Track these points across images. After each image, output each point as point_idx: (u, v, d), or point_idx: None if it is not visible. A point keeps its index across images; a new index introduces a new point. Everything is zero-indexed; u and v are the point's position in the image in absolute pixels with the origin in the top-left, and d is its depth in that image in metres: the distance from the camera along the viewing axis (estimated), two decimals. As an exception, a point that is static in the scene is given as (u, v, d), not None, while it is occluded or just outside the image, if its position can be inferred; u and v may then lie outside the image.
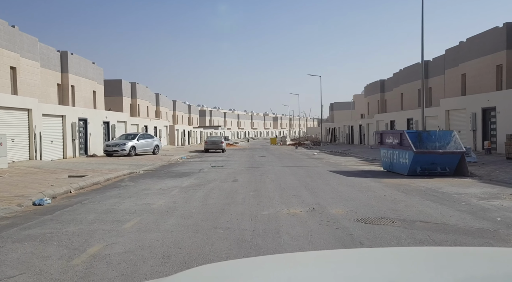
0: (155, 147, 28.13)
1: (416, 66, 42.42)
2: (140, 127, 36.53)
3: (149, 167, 19.20)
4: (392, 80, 49.26)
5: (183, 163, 22.68)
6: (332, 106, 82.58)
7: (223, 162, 23.04)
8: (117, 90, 48.74)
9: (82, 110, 25.14)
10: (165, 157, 25.24)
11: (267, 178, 14.22)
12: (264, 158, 26.18)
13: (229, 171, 17.22)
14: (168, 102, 70.66)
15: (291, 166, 19.39)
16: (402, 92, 45.88)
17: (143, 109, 54.73)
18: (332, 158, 25.64)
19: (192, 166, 20.03)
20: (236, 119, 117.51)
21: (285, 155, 30.74)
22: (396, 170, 15.29)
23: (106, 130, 28.83)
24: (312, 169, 17.53)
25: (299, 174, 15.56)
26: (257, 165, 20.63)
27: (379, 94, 52.94)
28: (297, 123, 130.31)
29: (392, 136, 15.61)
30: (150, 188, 11.69)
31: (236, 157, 27.73)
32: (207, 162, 23.10)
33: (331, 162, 22.52)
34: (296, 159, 25.10)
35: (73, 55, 35.44)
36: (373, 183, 12.37)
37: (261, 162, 22.42)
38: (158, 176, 15.21)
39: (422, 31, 19.91)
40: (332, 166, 19.19)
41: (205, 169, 18.20)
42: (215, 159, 26.04)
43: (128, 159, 23.14)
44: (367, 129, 43.88)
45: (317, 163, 21.78)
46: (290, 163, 21.56)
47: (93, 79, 39.58)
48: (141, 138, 27.01)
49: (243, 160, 24.46)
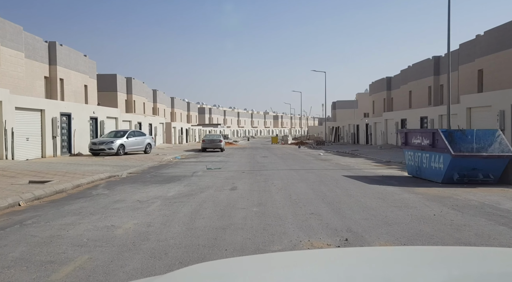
0: (147, 146, 25.49)
1: (426, 62, 39.79)
2: (133, 124, 33.90)
3: (135, 168, 16.59)
4: (400, 77, 46.63)
5: (176, 164, 20.07)
6: (334, 105, 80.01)
7: (221, 163, 20.43)
8: (111, 85, 46.10)
9: (65, 104, 22.48)
10: (156, 157, 22.62)
11: (272, 185, 11.63)
12: (266, 159, 23.58)
13: (227, 174, 14.62)
14: (166, 99, 68.02)
15: (298, 169, 16.79)
16: (410, 89, 43.26)
17: (139, 106, 52.09)
18: (341, 160, 23.03)
19: (185, 168, 17.42)
20: (236, 117, 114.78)
21: (288, 155, 28.13)
22: (426, 176, 12.70)
23: (93, 126, 26.19)
24: (323, 174, 14.93)
25: (309, 179, 12.96)
26: (259, 167, 18.03)
27: (385, 92, 50.31)
28: (298, 122, 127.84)
29: (421, 136, 13.00)
30: (125, 200, 9.09)
31: (236, 158, 25.14)
32: (203, 163, 20.50)
33: (341, 164, 19.93)
34: (301, 161, 22.49)
35: (62, 46, 32.80)
36: (407, 195, 9.77)
37: (263, 164, 19.82)
38: (142, 181, 12.59)
39: (449, 15, 17.28)
40: (345, 170, 16.59)
41: (199, 172, 15.60)
42: (212, 159, 23.44)
43: (115, 159, 20.54)
44: (374, 128, 41.24)
45: (326, 165, 19.18)
46: (296, 165, 18.96)
47: (84, 72, 36.95)
48: (131, 135, 24.36)
49: (243, 161, 21.86)
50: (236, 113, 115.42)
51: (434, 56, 38.66)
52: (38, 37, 30.29)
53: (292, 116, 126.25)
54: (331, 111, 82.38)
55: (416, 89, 41.78)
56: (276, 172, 15.41)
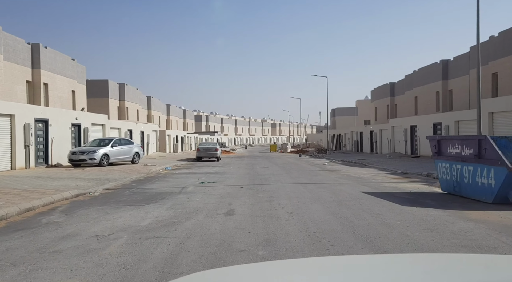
0: (135, 155, 22.84)
1: (434, 66, 37.46)
2: (122, 131, 31.28)
3: (115, 183, 13.98)
4: (404, 83, 44.31)
5: (164, 176, 17.45)
6: (334, 112, 77.71)
7: (217, 175, 17.84)
8: (102, 91, 43.57)
9: (41, 109, 19.84)
10: (144, 168, 20.00)
11: (279, 206, 9.06)
12: (267, 170, 21.00)
13: (223, 191, 12.04)
14: (162, 106, 65.47)
15: (306, 183, 14.20)
16: (416, 95, 40.89)
17: (133, 113, 49.51)
18: (351, 170, 20.48)
19: (174, 182, 14.81)
20: (233, 125, 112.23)
21: (290, 165, 25.56)
22: (469, 193, 10.16)
23: (76, 134, 23.54)
24: (337, 189, 12.36)
25: (324, 198, 10.40)
26: (260, 180, 15.44)
27: (388, 98, 47.97)
28: (296, 130, 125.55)
29: (460, 145, 10.47)
30: (78, 234, 6.49)
31: (233, 168, 22.55)
32: (196, 175, 17.89)
33: (353, 176, 17.38)
34: (307, 172, 19.93)
35: (47, 49, 30.30)
36: (463, 223, 7.20)
37: (264, 176, 17.24)
38: (115, 202, 9.98)
39: (478, 4, 14.85)
40: (361, 184, 14.03)
41: (190, 187, 13.00)
42: (207, 170, 20.84)
43: (96, 171, 17.92)
44: (380, 135, 38.74)
45: (336, 177, 16.62)
46: (303, 178, 16.38)
47: (72, 77, 34.43)
48: (117, 144, 21.70)
49: (241, 173, 19.28)
50: (234, 121, 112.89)
51: (442, 60, 36.35)
52: (20, 38, 27.79)
53: (290, 124, 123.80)
54: (331, 119, 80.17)
55: (422, 95, 39.40)
56: (281, 188, 12.84)
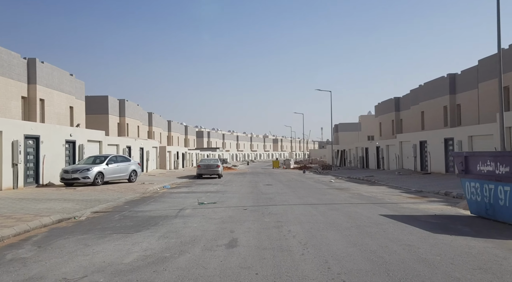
0: (132, 173, 21.52)
1: (441, 80, 36.34)
2: (121, 148, 30.05)
3: (106, 205, 12.66)
4: (410, 98, 43.17)
5: (161, 196, 16.12)
6: (336, 127, 76.56)
7: (218, 194, 16.51)
8: (102, 108, 42.57)
9: (31, 125, 18.63)
10: (141, 187, 18.69)
11: (290, 235, 7.73)
12: (271, 188, 19.65)
13: (225, 213, 10.71)
14: (163, 122, 64.46)
15: (316, 204, 12.85)
16: (423, 110, 39.68)
17: (133, 129, 48.42)
18: (361, 188, 19.12)
19: (171, 203, 13.48)
20: (235, 140, 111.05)
21: (295, 182, 24.21)
22: (505, 218, 8.82)
23: (70, 151, 22.28)
24: (352, 211, 11.02)
25: (340, 223, 9.06)
26: (265, 200, 14.10)
27: (393, 113, 46.78)
28: (298, 146, 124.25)
29: (493, 162, 9.17)
30: (44, 276, 5.13)
31: (235, 186, 21.21)
32: (196, 194, 16.56)
33: (364, 195, 16.03)
34: (314, 190, 18.57)
35: (43, 64, 29.36)
36: (517, 258, 5.88)
37: (269, 195, 15.89)
38: (100, 229, 8.67)
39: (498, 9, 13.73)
40: (377, 205, 12.68)
41: (187, 210, 11.68)
42: (207, 189, 19.52)
43: (89, 191, 16.62)
44: (387, 151, 37.38)
45: (347, 197, 15.27)
46: (311, 197, 15.03)
47: (70, 93, 33.42)
48: (112, 161, 20.40)
49: (244, 191, 17.94)
50: (235, 137, 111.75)
51: (449, 73, 35.25)
52: (15, 53, 26.84)
53: (291, 140, 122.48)
54: (333, 134, 79.00)
55: (430, 109, 38.21)
56: (289, 209, 11.50)
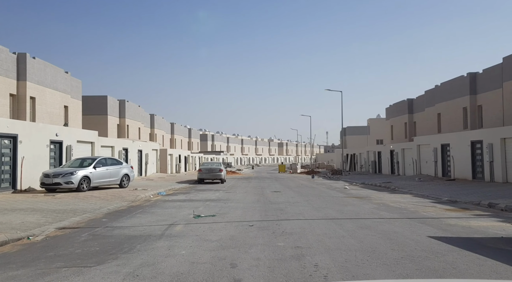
0: (124, 178, 18.99)
1: (460, 80, 33.65)
2: (116, 150, 27.63)
3: (80, 217, 10.16)
4: (424, 99, 40.48)
5: (152, 205, 13.58)
6: (344, 131, 73.87)
7: (219, 203, 13.96)
8: (101, 108, 40.21)
9: (7, 122, 16.16)
10: (131, 194, 16.17)
11: (319, 274, 5.17)
12: (280, 196, 17.08)
13: (224, 233, 8.16)
14: (166, 124, 62.09)
15: (340, 219, 10.26)
16: (439, 112, 36.98)
17: (134, 131, 46.02)
18: (384, 197, 16.50)
19: (161, 215, 10.94)
20: (239, 144, 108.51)
21: (306, 189, 21.62)
22: None
23: (56, 153, 19.83)
24: (389, 230, 8.43)
25: (382, 251, 6.48)
26: (274, 212, 11.53)
27: (406, 115, 44.09)
28: (303, 150, 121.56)
29: None
30: None
31: (239, 193, 18.66)
32: (193, 203, 14.02)
33: (390, 205, 13.43)
34: (329, 199, 15.97)
35: (35, 60, 27.02)
36: None
37: (279, 205, 13.32)
38: (50, 258, 6.13)
39: None
40: (415, 220, 10.07)
41: (179, 225, 9.15)
42: (207, 196, 16.98)
43: (69, 199, 14.14)
44: (402, 155, 34.69)
45: (372, 208, 12.67)
46: (330, 209, 12.44)
47: (64, 91, 31.08)
48: (101, 164, 17.88)
49: (249, 200, 15.38)
50: (240, 140, 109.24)
51: (469, 72, 32.58)
52: (4, 47, 24.56)
53: (297, 144, 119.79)
54: (341, 138, 76.29)
55: (447, 111, 35.49)
56: (307, 226, 8.93)
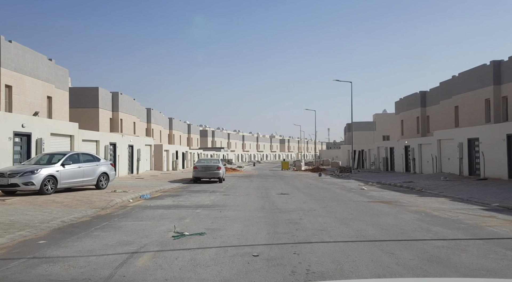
0: (101, 177, 15.69)
1: (482, 69, 30.28)
2: (101, 145, 24.39)
3: (11, 237, 6.88)
4: (439, 91, 37.15)
5: (125, 215, 10.31)
6: (349, 127, 70.56)
7: (212, 212, 10.68)
8: (91, 101, 36.86)
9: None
10: (105, 198, 12.89)
11: None
12: (290, 200, 13.80)
13: (212, 274, 4.92)
14: (163, 119, 58.78)
15: (384, 241, 6.97)
16: (456, 104, 33.66)
17: (128, 125, 42.69)
18: (417, 202, 13.21)
19: (126, 236, 7.64)
20: (241, 140, 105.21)
21: (317, 190, 18.35)
22: None
23: (24, 148, 16.59)
24: (478, 266, 5.20)
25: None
26: (287, 228, 8.24)
27: (419, 109, 40.75)
28: (305, 146, 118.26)
29: None
30: None
31: (239, 196, 15.40)
32: (180, 211, 10.75)
33: (435, 215, 10.17)
34: (351, 204, 12.69)
35: (11, 43, 23.70)
36: None
37: (291, 215, 10.04)
38: None
39: None
40: (491, 242, 6.80)
41: (145, 255, 5.88)
42: (200, 200, 13.71)
43: (21, 205, 10.88)
44: (419, 151, 31.39)
45: (416, 220, 9.39)
46: (360, 221, 9.14)
47: (48, 80, 27.81)
48: (71, 161, 14.52)
49: (251, 206, 12.11)
50: (241, 137, 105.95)
51: (493, 60, 29.23)
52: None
53: (299, 140, 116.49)
54: (346, 134, 73.03)
55: (466, 104, 32.16)
56: (343, 257, 5.66)
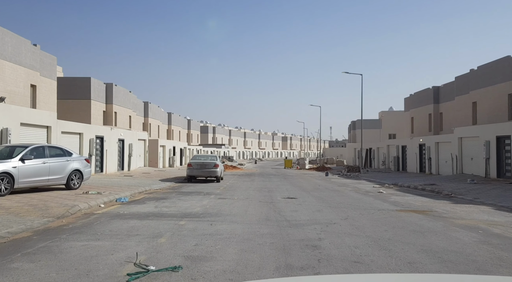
0: (73, 175, 12.99)
1: (505, 61, 27.48)
2: (85, 138, 21.70)
3: None
4: (455, 86, 34.34)
5: (79, 230, 7.57)
6: (354, 124, 67.80)
7: (200, 225, 7.94)
8: (83, 92, 34.12)
9: None
10: (67, 203, 10.17)
11: None
12: (300, 207, 11.06)
13: None
14: (162, 114, 56.05)
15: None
16: (474, 100, 30.87)
17: (123, 119, 39.95)
18: (459, 212, 10.46)
19: (54, 274, 4.94)
20: (242, 137, 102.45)
21: (329, 193, 15.62)
22: None
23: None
24: None
25: None
26: (302, 256, 5.50)
27: (431, 105, 37.93)
28: (308, 144, 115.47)
29: None
30: None
31: (238, 200, 12.67)
32: (158, 222, 8.02)
33: (498, 233, 7.46)
34: (380, 215, 9.94)
35: (-12, 24, 21.11)
36: None
37: (305, 233, 7.29)
38: None
39: None
40: None
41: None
42: (189, 206, 10.99)
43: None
44: (436, 150, 28.63)
45: (487, 245, 6.62)
46: (405, 244, 6.36)
47: (32, 67, 25.14)
48: (33, 155, 11.88)
49: (252, 215, 9.37)
50: (243, 134, 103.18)
51: (518, 52, 26.45)
52: None
53: (301, 138, 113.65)
54: (350, 132, 70.23)
55: (485, 99, 29.36)
56: None
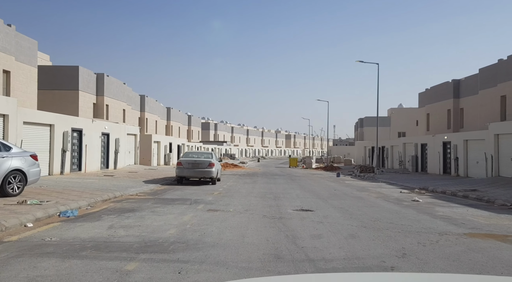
0: (10, 177, 9.54)
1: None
2: (58, 131, 18.21)
3: None
4: (478, 79, 30.65)
5: None
6: (361, 122, 64.16)
7: (159, 272, 4.51)
8: (70, 82, 30.61)
9: None
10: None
11: None
12: (320, 226, 7.47)
13: None
14: (160, 109, 52.51)
15: None
16: (503, 94, 27.18)
17: (116, 113, 36.39)
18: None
19: None
20: (245, 135, 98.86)
21: (351, 201, 12.05)
22: None
23: None
24: None
25: None
26: None
27: (451, 100, 34.22)
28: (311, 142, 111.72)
29: None
30: None
31: (234, 214, 9.12)
32: (81, 272, 4.64)
33: None
34: (447, 245, 6.33)
35: None
36: None
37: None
38: None
39: None
40: None
41: None
42: (158, 226, 7.43)
43: None
44: (464, 149, 24.95)
45: None
46: None
47: (4, 50, 21.74)
48: None
49: (251, 244, 5.81)
50: (245, 131, 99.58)
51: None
52: None
53: (305, 136, 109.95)
54: (357, 130, 66.54)
55: (517, 92, 25.78)
56: None
